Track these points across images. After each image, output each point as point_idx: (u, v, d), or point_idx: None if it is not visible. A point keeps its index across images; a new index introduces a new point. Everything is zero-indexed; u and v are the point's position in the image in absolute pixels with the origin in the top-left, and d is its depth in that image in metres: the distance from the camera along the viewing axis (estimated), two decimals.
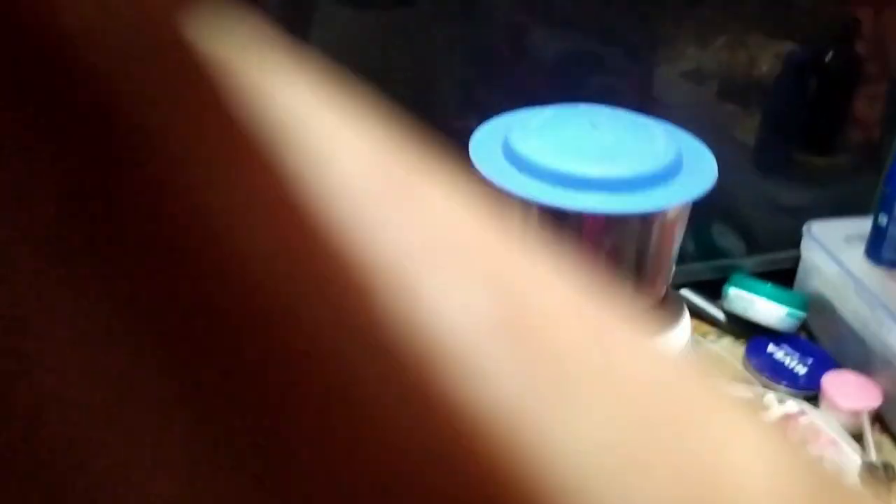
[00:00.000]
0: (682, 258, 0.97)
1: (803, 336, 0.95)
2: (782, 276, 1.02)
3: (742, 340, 0.96)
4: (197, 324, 0.08)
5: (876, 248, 0.86)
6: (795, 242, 1.00)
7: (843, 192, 1.00)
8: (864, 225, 0.94)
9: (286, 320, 0.08)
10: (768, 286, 0.92)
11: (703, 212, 0.97)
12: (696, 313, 0.98)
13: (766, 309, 0.91)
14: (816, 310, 0.93)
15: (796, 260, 1.00)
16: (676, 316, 0.78)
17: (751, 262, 1.00)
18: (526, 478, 0.08)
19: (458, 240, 0.10)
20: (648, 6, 0.88)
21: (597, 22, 0.88)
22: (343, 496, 0.09)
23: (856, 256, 0.90)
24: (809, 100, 0.99)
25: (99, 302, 0.08)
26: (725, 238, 1.00)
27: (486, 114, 0.75)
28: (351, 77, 0.12)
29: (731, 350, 0.95)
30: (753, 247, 1.00)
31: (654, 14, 0.89)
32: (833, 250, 0.90)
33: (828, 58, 0.96)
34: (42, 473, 0.08)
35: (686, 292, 0.98)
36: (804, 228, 0.93)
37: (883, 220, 0.84)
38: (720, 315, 0.97)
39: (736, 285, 0.94)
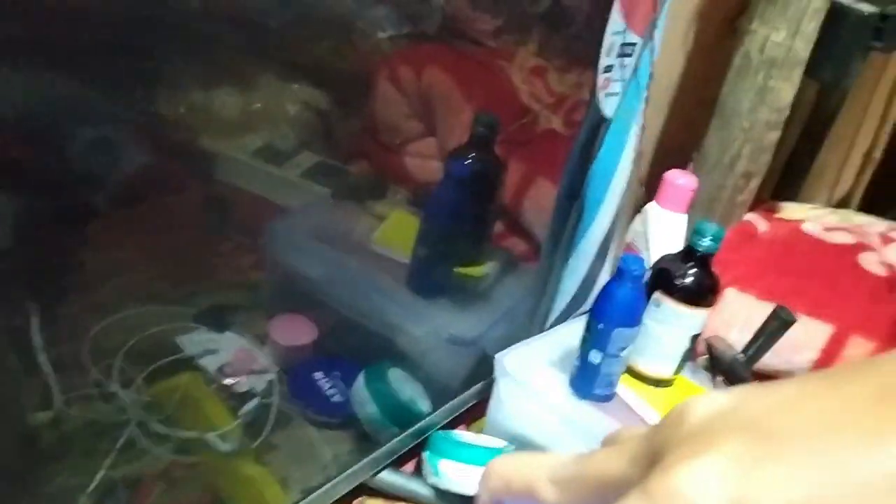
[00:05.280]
0: (369, 440, 0.75)
1: None
2: (468, 416, 0.88)
3: None
4: None
5: (586, 385, 0.77)
6: (478, 376, 0.86)
7: (508, 310, 0.89)
8: (550, 348, 0.84)
9: None
10: (477, 449, 0.76)
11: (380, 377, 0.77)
12: (401, 497, 0.77)
13: None
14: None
15: (482, 393, 0.86)
16: None
17: (440, 415, 0.82)
18: None
19: None
20: None
21: None
22: None
23: (558, 390, 0.80)
24: (462, 207, 0.86)
25: None
26: (409, 395, 0.80)
27: None
28: None
29: None
30: (439, 397, 0.82)
31: None
32: (534, 386, 0.78)
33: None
34: None
35: (388, 475, 0.76)
36: (496, 362, 0.79)
37: (596, 357, 0.74)
38: (428, 492, 0.77)
39: (441, 454, 0.75)
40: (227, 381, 0.75)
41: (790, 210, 1.27)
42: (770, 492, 0.15)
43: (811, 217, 1.22)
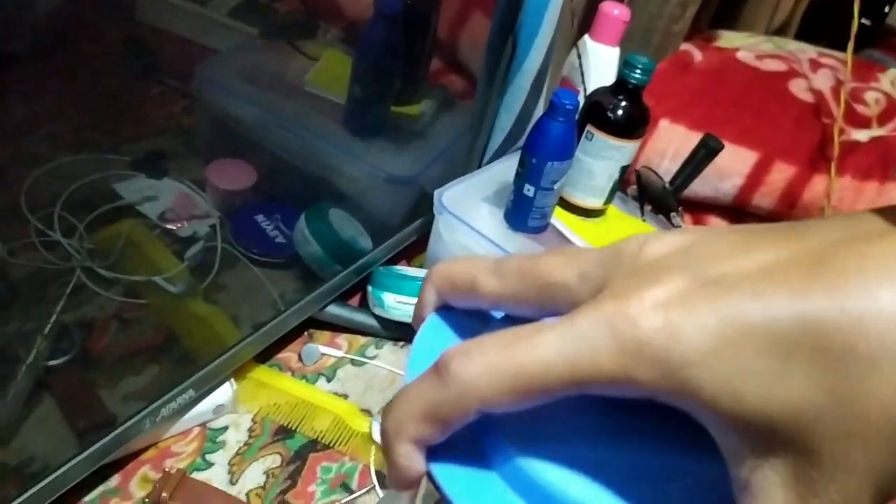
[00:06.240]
0: (314, 277, 0.78)
1: None
2: (408, 252, 0.91)
3: (402, 343, 0.83)
4: None
5: (520, 218, 0.80)
6: (417, 213, 0.88)
7: (445, 148, 0.91)
8: (486, 184, 0.87)
9: None
10: (418, 282, 0.80)
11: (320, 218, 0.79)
12: (347, 328, 0.81)
13: None
14: None
15: (421, 230, 0.89)
16: None
17: (381, 252, 0.85)
18: None
19: None
20: None
21: None
22: None
23: (493, 223, 0.83)
24: (395, 45, 0.84)
25: None
26: (350, 234, 0.82)
27: None
28: None
29: (396, 359, 0.81)
30: (380, 235, 0.85)
31: None
32: (471, 221, 0.81)
33: None
34: None
35: (334, 309, 0.79)
36: (435, 199, 0.82)
37: (529, 191, 0.77)
38: (373, 322, 0.81)
39: (385, 288, 0.79)
40: (170, 226, 0.76)
41: (727, 38, 1.27)
42: (697, 327, 0.17)
43: (747, 45, 1.23)
